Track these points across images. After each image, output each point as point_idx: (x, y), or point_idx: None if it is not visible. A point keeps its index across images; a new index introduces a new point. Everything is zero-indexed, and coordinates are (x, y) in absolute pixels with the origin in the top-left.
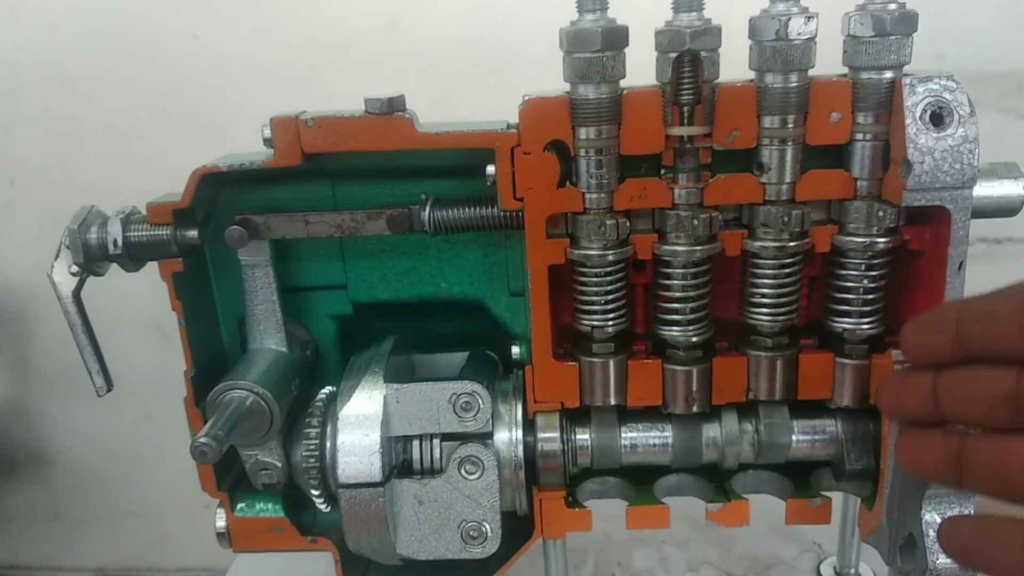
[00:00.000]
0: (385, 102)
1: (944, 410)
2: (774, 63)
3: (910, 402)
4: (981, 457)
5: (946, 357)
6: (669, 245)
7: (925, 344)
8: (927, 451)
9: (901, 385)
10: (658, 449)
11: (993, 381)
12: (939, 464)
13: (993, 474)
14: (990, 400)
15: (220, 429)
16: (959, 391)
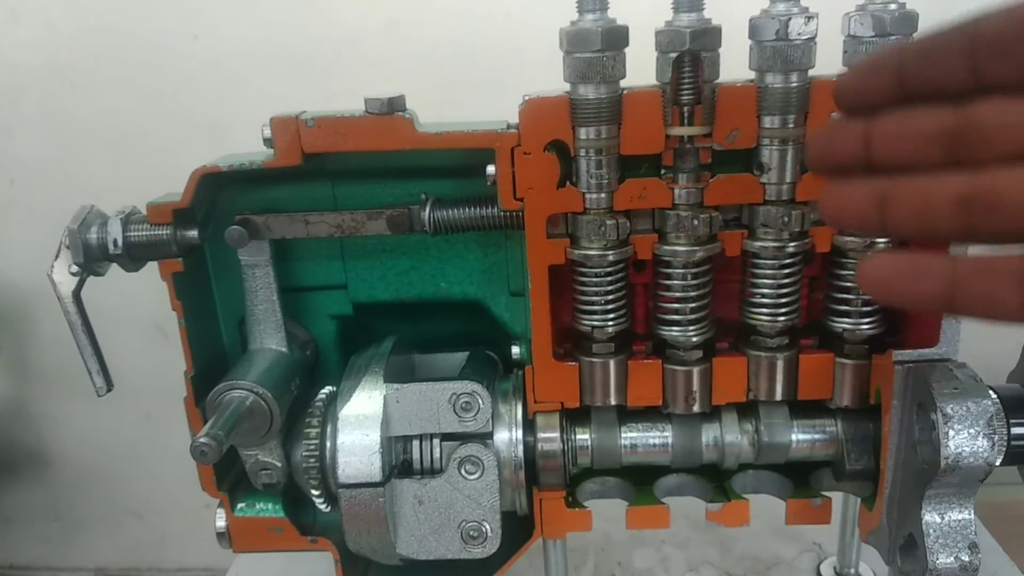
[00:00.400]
0: (385, 102)
1: (875, 152)
2: (774, 63)
3: (839, 148)
4: (908, 195)
5: (884, 98)
6: (669, 245)
7: (863, 85)
8: (851, 197)
9: (832, 132)
10: (658, 449)
11: (929, 117)
12: (863, 209)
13: (920, 210)
14: (924, 137)
15: (220, 429)
16: (893, 130)
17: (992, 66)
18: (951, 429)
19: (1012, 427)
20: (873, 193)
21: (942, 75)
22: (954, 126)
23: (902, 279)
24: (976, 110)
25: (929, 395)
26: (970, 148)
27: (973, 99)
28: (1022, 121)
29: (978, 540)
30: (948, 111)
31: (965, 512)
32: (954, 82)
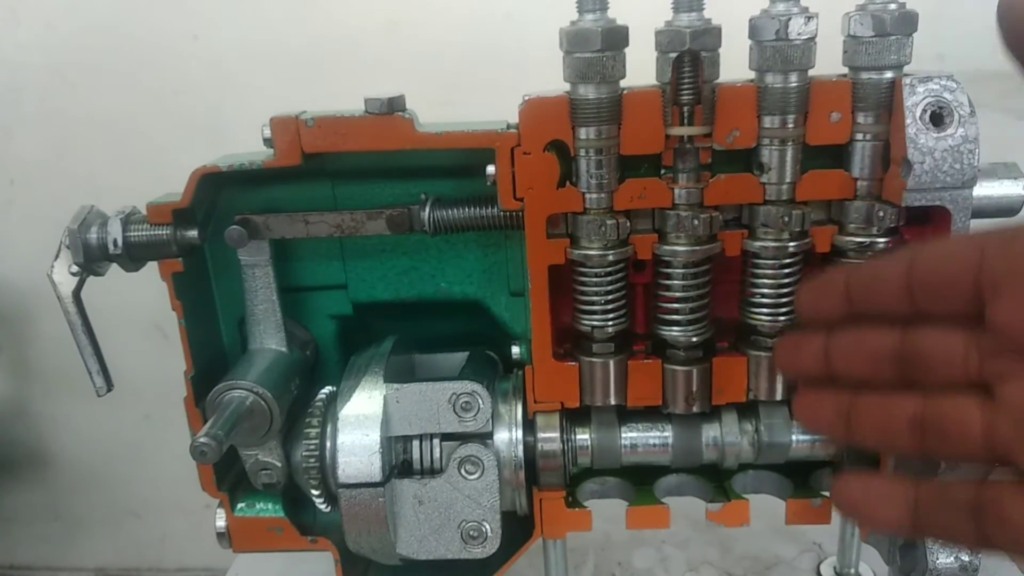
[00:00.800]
0: (385, 102)
1: (835, 367)
2: (774, 63)
3: (803, 360)
4: (869, 413)
5: (836, 316)
6: (669, 245)
7: (816, 305)
8: (820, 408)
9: (795, 344)
10: (658, 449)
11: (878, 339)
12: (831, 421)
13: (880, 428)
14: (876, 357)
15: (220, 429)
16: (847, 349)
17: (927, 303)
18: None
19: None
20: (838, 408)
21: (885, 304)
22: (900, 351)
23: (869, 503)
24: (916, 338)
25: None
26: (917, 372)
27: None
28: (957, 352)
29: None
30: (895, 334)
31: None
32: (895, 310)
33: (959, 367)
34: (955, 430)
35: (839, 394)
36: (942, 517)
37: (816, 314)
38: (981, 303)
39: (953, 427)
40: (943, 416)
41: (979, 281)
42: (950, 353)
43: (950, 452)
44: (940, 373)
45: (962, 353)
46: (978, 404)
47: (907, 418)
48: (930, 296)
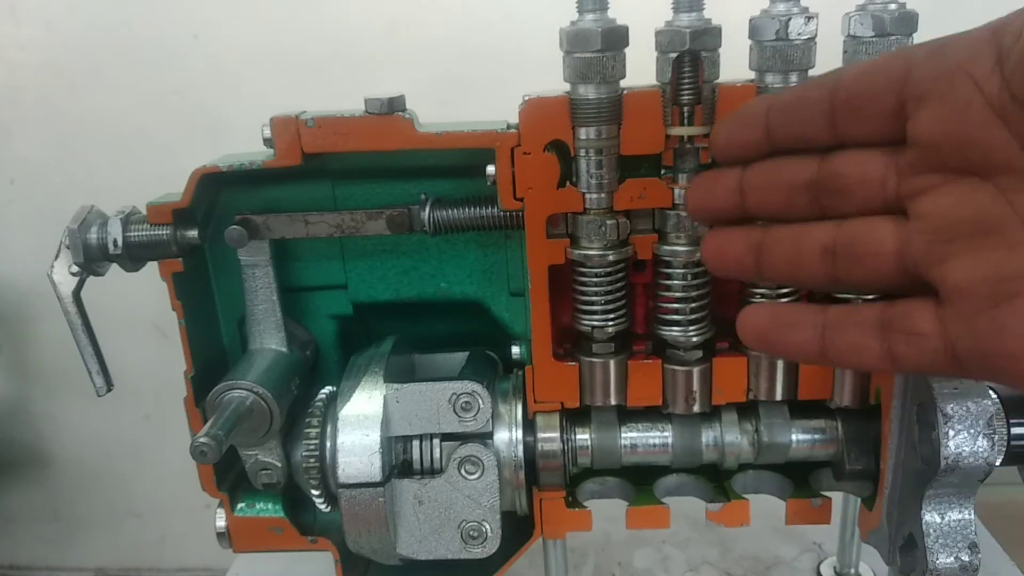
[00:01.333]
0: (385, 102)
1: (748, 202)
2: (774, 63)
3: (716, 197)
4: (780, 244)
5: (754, 151)
6: (669, 245)
7: (734, 138)
8: (729, 245)
9: (708, 182)
10: (658, 449)
11: (795, 169)
12: (740, 257)
13: (791, 259)
14: (791, 188)
15: (220, 429)
16: (762, 181)
17: (847, 124)
18: (951, 429)
19: (1012, 427)
20: (749, 242)
21: (805, 130)
22: (817, 177)
23: (776, 329)
24: (834, 162)
25: (929, 395)
26: (832, 198)
27: (835, 152)
28: (875, 174)
29: (978, 540)
30: (812, 162)
31: (965, 512)
32: (816, 137)
33: (876, 189)
34: (867, 251)
35: (750, 230)
36: (849, 336)
37: (733, 148)
38: (903, 120)
39: (865, 248)
40: (855, 239)
41: (904, 94)
42: (868, 175)
43: (862, 276)
44: (856, 197)
45: (880, 174)
46: (892, 225)
47: (819, 246)
48: (853, 115)
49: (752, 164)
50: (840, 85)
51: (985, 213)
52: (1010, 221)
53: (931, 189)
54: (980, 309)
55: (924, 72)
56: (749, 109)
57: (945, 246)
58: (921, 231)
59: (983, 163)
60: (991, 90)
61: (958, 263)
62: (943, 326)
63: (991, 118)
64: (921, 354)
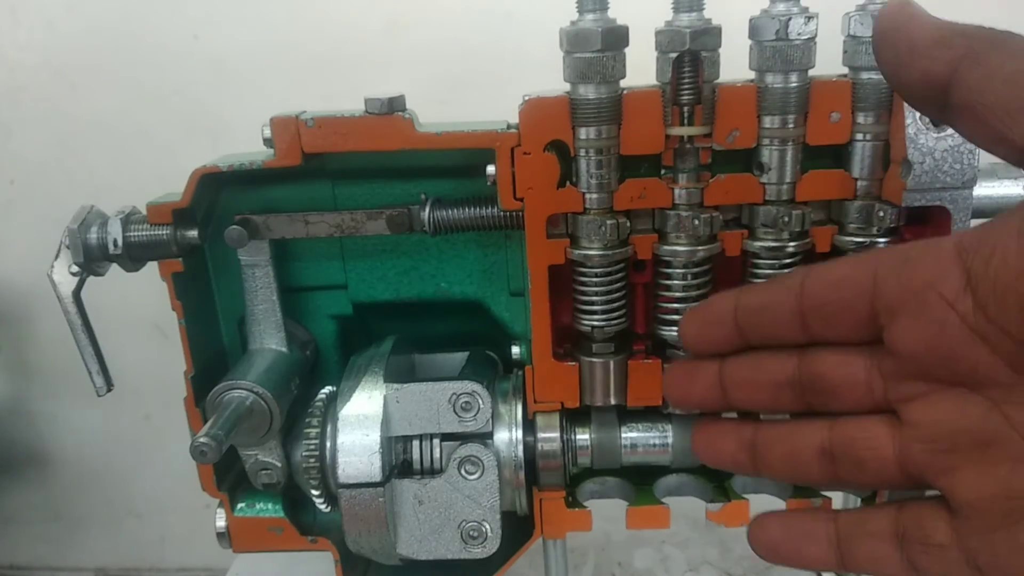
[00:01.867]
0: (385, 102)
1: (731, 398)
2: (774, 63)
3: (696, 392)
4: (774, 444)
5: (726, 346)
6: (669, 245)
7: (705, 337)
8: (722, 442)
9: (687, 376)
10: (658, 449)
11: (775, 367)
12: (735, 454)
13: (787, 460)
14: (774, 386)
15: (220, 429)
16: (743, 380)
17: (820, 329)
18: None
19: None
20: (741, 440)
21: (776, 332)
22: (799, 377)
23: (790, 543)
24: (815, 363)
25: None
26: (819, 398)
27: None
28: (859, 376)
29: None
30: (792, 360)
31: None
32: (789, 337)
33: (863, 391)
34: (868, 456)
35: (741, 426)
36: (866, 548)
37: (704, 344)
38: (878, 327)
39: (865, 454)
40: (853, 443)
41: (874, 306)
42: (852, 378)
43: (865, 480)
44: (844, 399)
45: (864, 377)
46: (887, 428)
47: (816, 448)
48: (824, 322)
49: (729, 359)
50: (807, 293)
51: (982, 425)
52: (1008, 434)
53: (921, 397)
54: (996, 526)
55: (892, 286)
56: (716, 308)
57: (947, 456)
58: (919, 440)
59: (969, 377)
60: (964, 310)
61: (964, 477)
62: (961, 539)
63: (969, 336)
64: (943, 564)
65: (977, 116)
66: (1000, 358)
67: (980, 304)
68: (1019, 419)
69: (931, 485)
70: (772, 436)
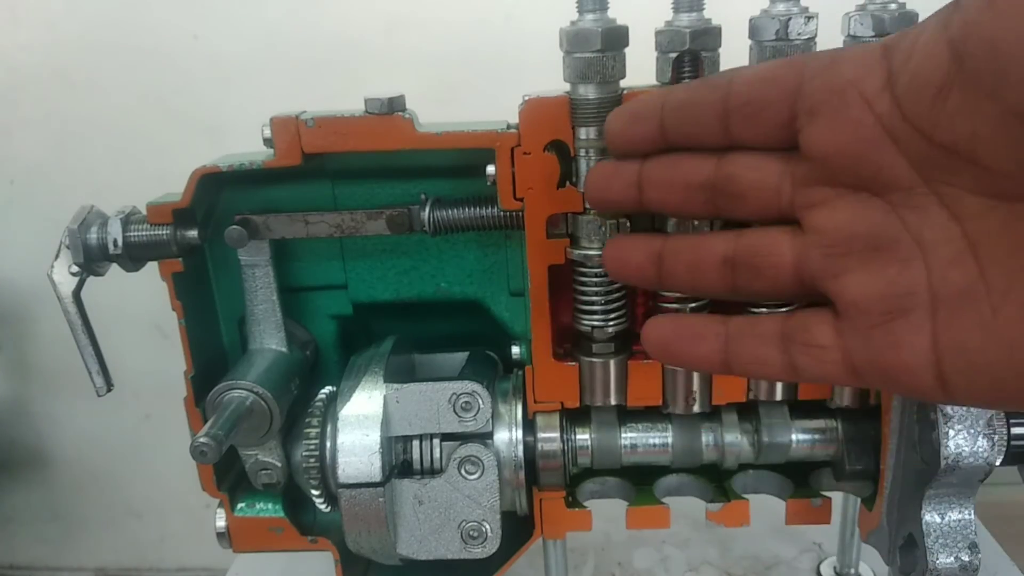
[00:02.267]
0: (385, 102)
1: (646, 198)
2: None
3: (614, 189)
4: (680, 254)
5: (649, 145)
6: None
7: (628, 134)
8: (630, 253)
9: (607, 174)
10: (658, 449)
11: (692, 168)
12: (641, 265)
13: (691, 269)
14: (688, 187)
15: (220, 429)
16: (660, 178)
17: (740, 129)
18: (951, 429)
19: (1012, 427)
20: (650, 251)
21: (698, 131)
22: (713, 179)
23: (680, 341)
24: (729, 165)
25: None
26: (727, 201)
27: (731, 154)
28: (770, 181)
29: (978, 540)
30: (709, 162)
31: (965, 512)
32: (710, 138)
33: (771, 196)
34: (765, 263)
35: (650, 238)
36: (751, 347)
37: (627, 142)
38: (796, 130)
39: (763, 260)
40: (754, 250)
41: (796, 106)
42: (762, 182)
43: (760, 288)
44: (751, 203)
45: (775, 182)
46: (788, 236)
47: (719, 256)
48: (745, 122)
49: (649, 159)
50: (732, 90)
51: (878, 229)
52: (902, 237)
53: (824, 203)
54: (875, 323)
55: (816, 86)
56: (643, 104)
57: (840, 260)
58: (816, 245)
59: (874, 180)
60: (881, 109)
61: (853, 278)
62: (841, 339)
63: (881, 136)
64: (821, 365)
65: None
66: (907, 160)
67: (897, 100)
68: (913, 222)
69: (822, 290)
70: (678, 246)
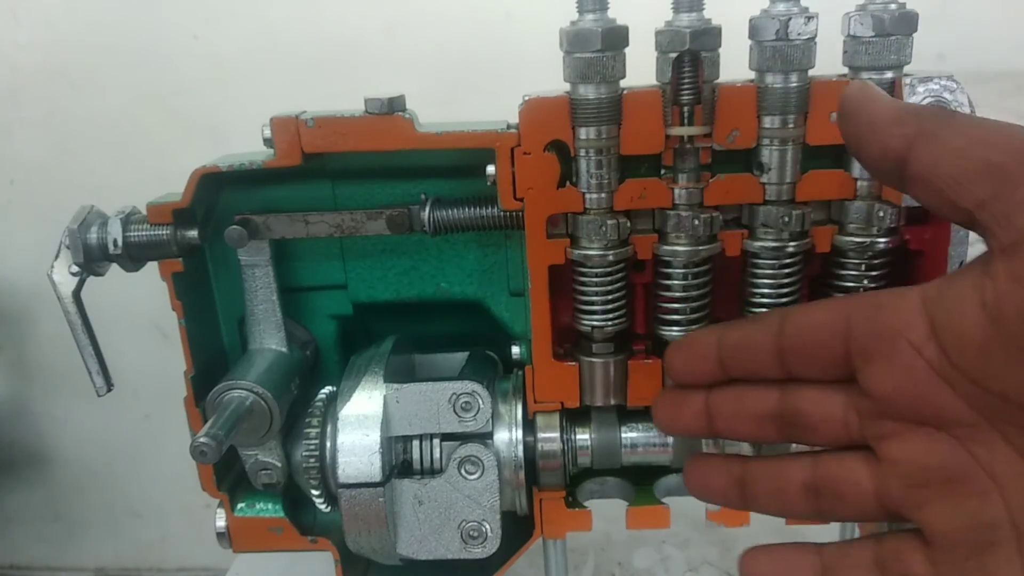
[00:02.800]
0: (385, 102)
1: (717, 428)
2: (774, 63)
3: (684, 419)
4: (761, 481)
5: (711, 378)
6: (669, 245)
7: (690, 370)
8: (712, 478)
9: (675, 404)
10: (658, 449)
11: (758, 400)
12: (725, 490)
13: (774, 496)
14: (756, 419)
15: (220, 429)
16: (728, 412)
17: (799, 367)
18: None
19: None
20: (731, 477)
21: (757, 368)
22: (781, 412)
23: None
24: (794, 399)
25: None
26: (799, 432)
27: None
28: (836, 414)
29: None
30: (773, 394)
31: None
32: (769, 373)
33: (839, 427)
34: (848, 492)
35: (730, 462)
36: None
37: (689, 376)
38: (852, 367)
39: (846, 489)
40: (834, 480)
41: (848, 349)
42: (829, 415)
43: (846, 513)
44: (822, 434)
45: (841, 414)
46: (865, 464)
47: (800, 484)
48: (802, 361)
49: (715, 391)
50: (785, 335)
51: (950, 462)
52: (975, 471)
53: (894, 435)
54: (966, 556)
55: (864, 332)
56: (700, 343)
57: (920, 491)
58: (894, 476)
59: (936, 418)
60: (930, 355)
61: (935, 510)
62: (935, 568)
63: (935, 379)
64: None
65: (930, 186)
66: (963, 400)
67: (943, 350)
68: (983, 456)
69: (907, 518)
70: (759, 473)
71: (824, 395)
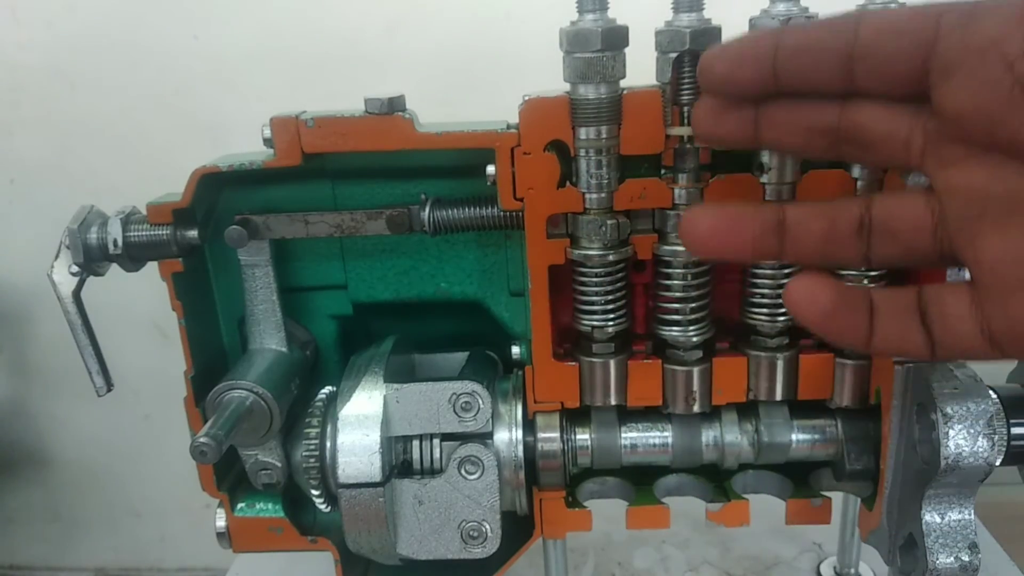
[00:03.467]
0: (385, 102)
1: (763, 137)
2: None
3: (729, 127)
4: (809, 222)
5: (755, 90)
6: (669, 245)
7: (736, 77)
8: (744, 224)
9: (720, 109)
10: (658, 449)
11: (815, 112)
12: (757, 236)
13: (824, 238)
14: (811, 131)
15: (220, 429)
16: (783, 120)
17: (866, 79)
18: (951, 429)
19: (1012, 427)
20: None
21: (818, 76)
22: (839, 126)
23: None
24: (858, 113)
25: (929, 395)
26: (853, 149)
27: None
28: (901, 133)
29: (978, 540)
30: (833, 109)
31: (965, 512)
32: (829, 85)
33: (900, 149)
34: (903, 229)
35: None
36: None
37: (734, 87)
38: (924, 85)
39: (900, 224)
40: (890, 214)
41: (930, 60)
42: (893, 134)
43: (896, 253)
44: (880, 153)
45: (905, 134)
46: (924, 199)
47: (853, 222)
48: (871, 72)
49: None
50: (860, 37)
51: (1015, 191)
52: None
53: (958, 162)
54: (1012, 290)
55: (954, 42)
56: (755, 46)
57: (975, 223)
58: (952, 205)
59: (1010, 142)
60: (1021, 72)
61: (988, 242)
62: (978, 308)
63: (1019, 99)
64: (958, 339)
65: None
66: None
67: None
68: None
69: (958, 256)
70: (805, 215)
71: (889, 112)
